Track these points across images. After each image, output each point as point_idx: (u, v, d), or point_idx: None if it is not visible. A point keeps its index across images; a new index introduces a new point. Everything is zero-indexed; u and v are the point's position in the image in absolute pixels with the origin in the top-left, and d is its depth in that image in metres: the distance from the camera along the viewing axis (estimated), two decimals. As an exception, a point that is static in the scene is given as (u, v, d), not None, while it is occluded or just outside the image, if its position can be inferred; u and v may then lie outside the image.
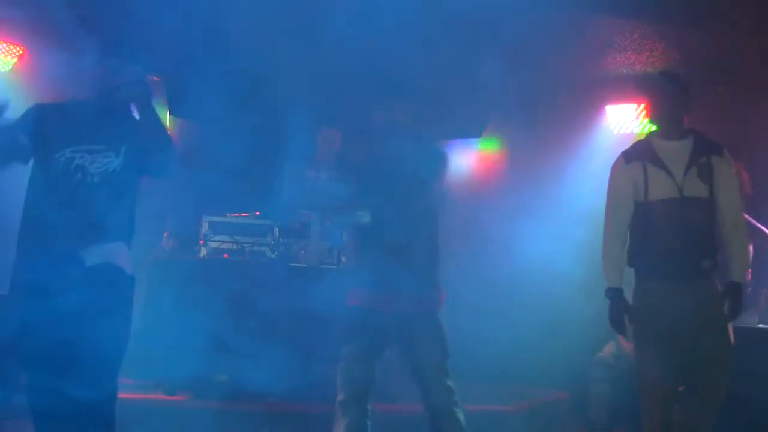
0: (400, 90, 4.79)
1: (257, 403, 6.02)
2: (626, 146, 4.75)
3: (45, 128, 3.81)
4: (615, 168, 4.69)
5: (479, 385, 7.02)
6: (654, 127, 4.67)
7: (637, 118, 7.98)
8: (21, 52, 7.76)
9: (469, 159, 8.77)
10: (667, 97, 4.58)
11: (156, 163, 3.93)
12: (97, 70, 3.90)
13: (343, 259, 6.64)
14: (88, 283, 3.71)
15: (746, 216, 5.85)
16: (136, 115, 3.92)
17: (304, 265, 6.59)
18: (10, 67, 7.73)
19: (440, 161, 4.67)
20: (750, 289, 5.99)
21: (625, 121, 8.05)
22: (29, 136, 3.78)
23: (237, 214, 6.92)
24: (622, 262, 4.62)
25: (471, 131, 8.66)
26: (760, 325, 5.86)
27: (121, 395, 4.07)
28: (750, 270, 5.88)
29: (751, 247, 5.94)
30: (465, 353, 6.95)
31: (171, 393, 6.13)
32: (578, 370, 6.92)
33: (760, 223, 6.13)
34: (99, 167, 3.79)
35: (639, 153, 4.61)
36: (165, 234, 6.81)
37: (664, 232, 4.47)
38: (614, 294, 4.58)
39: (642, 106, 7.88)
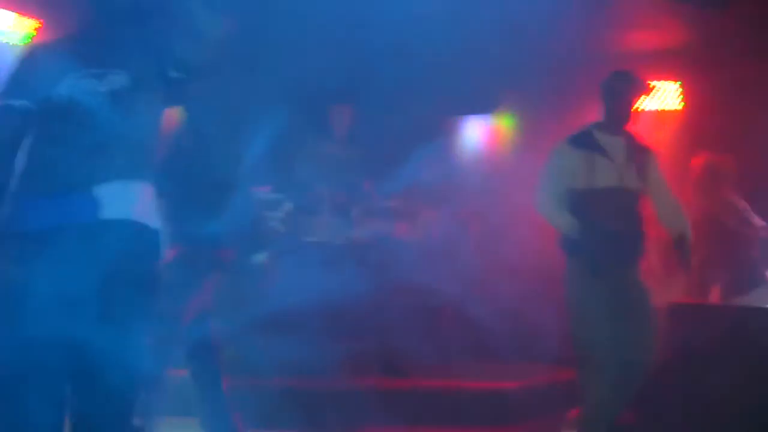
0: None
1: (259, 379, 6.06)
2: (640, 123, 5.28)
3: (40, 68, 3.16)
4: (561, 149, 5.01)
5: (494, 362, 7.03)
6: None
7: (654, 95, 7.91)
8: (39, 25, 7.48)
9: (482, 135, 8.76)
10: (628, 97, 4.96)
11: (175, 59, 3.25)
12: None
13: (354, 234, 6.66)
14: (101, 250, 3.00)
15: (749, 213, 5.93)
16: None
17: (315, 239, 6.60)
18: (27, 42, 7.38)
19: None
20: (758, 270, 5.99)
21: (642, 98, 7.98)
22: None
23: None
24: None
25: (484, 107, 8.64)
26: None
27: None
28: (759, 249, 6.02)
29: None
30: (481, 331, 7.00)
31: (177, 365, 6.16)
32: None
33: (755, 213, 6.11)
34: (106, 86, 3.12)
35: (585, 142, 4.93)
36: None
37: (607, 218, 4.81)
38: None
39: (658, 83, 7.84)
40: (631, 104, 4.97)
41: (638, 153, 4.95)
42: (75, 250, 2.98)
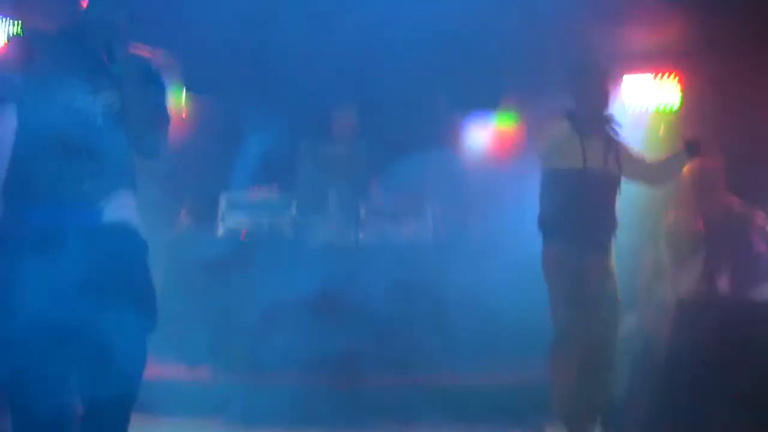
0: None
1: (277, 376, 6.07)
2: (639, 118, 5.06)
3: (34, 67, 3.28)
4: (559, 126, 5.04)
5: (500, 358, 7.06)
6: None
7: (654, 90, 7.93)
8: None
9: (486, 133, 8.77)
10: (599, 87, 5.03)
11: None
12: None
13: (361, 235, 6.66)
14: (102, 245, 3.23)
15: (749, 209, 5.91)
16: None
17: (322, 240, 6.61)
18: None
19: None
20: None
21: (642, 93, 8.01)
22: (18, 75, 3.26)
23: (255, 191, 6.94)
24: None
25: (487, 105, 8.65)
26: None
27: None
28: None
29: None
30: (485, 326, 7.03)
31: (191, 366, 6.19)
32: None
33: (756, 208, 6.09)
34: (100, 107, 3.32)
35: (576, 123, 4.98)
36: (183, 211, 6.84)
37: (586, 201, 4.92)
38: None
39: (658, 76, 7.87)
40: (602, 94, 5.05)
41: (614, 142, 5.08)
42: (76, 249, 3.18)
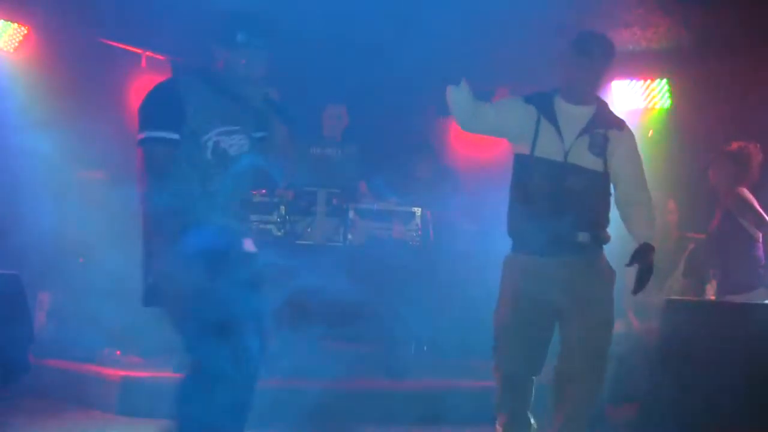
0: None
1: (264, 381, 6.03)
2: (630, 121, 4.57)
3: (188, 109, 3.72)
4: (512, 100, 4.51)
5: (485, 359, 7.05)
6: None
7: (643, 93, 7.93)
8: (26, 32, 7.55)
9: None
10: (596, 62, 4.32)
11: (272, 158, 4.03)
12: (239, 56, 3.79)
13: (350, 236, 6.64)
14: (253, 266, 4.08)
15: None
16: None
17: (311, 242, 6.59)
18: (13, 48, 7.50)
19: None
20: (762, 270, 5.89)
21: (630, 96, 8.01)
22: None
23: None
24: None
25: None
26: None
27: (129, 373, 4.07)
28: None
29: None
30: (474, 329, 7.02)
31: (179, 370, 6.14)
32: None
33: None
34: (236, 150, 3.82)
35: (539, 102, 4.38)
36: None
37: (540, 196, 4.27)
38: None
39: (647, 82, 7.86)
40: (599, 70, 4.34)
41: (603, 128, 4.33)
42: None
